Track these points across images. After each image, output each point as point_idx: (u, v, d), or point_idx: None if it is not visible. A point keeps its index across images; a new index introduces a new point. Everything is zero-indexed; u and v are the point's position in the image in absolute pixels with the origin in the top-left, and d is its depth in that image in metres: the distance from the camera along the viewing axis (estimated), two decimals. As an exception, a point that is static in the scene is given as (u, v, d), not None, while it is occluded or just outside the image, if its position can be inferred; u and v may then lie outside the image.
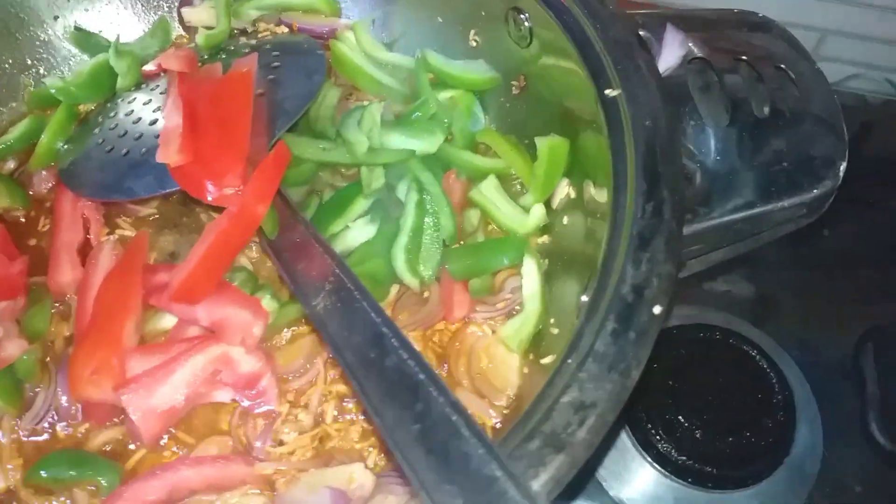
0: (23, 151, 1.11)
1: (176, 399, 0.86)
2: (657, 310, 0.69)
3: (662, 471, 1.04)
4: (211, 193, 0.89)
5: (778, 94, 0.86)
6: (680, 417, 1.05)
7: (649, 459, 1.05)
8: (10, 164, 1.11)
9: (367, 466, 0.84)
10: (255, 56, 1.00)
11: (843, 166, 0.82)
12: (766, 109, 0.85)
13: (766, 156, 0.84)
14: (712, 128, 0.85)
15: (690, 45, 0.90)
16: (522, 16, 1.00)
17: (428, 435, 0.64)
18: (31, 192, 1.08)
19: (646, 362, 0.67)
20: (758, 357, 1.09)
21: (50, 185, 1.08)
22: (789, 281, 1.24)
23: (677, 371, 1.08)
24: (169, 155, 0.89)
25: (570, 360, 0.68)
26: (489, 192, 1.02)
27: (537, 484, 0.61)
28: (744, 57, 0.88)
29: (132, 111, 1.05)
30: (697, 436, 1.04)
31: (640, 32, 0.94)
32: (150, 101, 1.05)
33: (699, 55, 0.89)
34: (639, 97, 0.82)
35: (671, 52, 0.89)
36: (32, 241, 1.04)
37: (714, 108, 0.86)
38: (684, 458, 1.03)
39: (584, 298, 0.77)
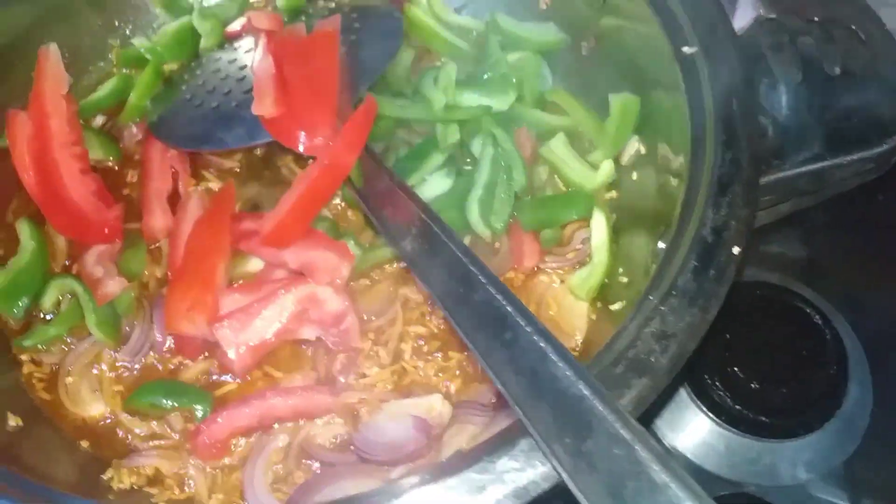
0: (111, 107, 1.17)
1: (266, 334, 0.92)
2: (736, 250, 0.73)
3: (716, 419, 1.08)
4: (303, 143, 0.94)
5: (848, 54, 0.89)
6: (735, 369, 1.09)
7: (704, 409, 1.09)
8: (99, 120, 1.17)
9: (444, 398, 0.89)
10: (338, 17, 1.05)
11: (910, 123, 0.85)
12: (837, 69, 0.88)
13: (835, 112, 0.87)
14: (784, 85, 0.88)
15: (762, 6, 0.92)
16: (596, -23, 1.03)
17: (517, 359, 0.68)
18: (121, 145, 1.14)
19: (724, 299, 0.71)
20: (812, 313, 1.12)
21: (138, 138, 1.14)
22: (842, 244, 1.26)
23: (734, 326, 1.11)
24: (265, 107, 0.94)
25: (651, 297, 0.73)
26: (558, 148, 1.06)
27: (621, 403, 0.66)
28: (815, 18, 0.91)
29: (219, 69, 1.10)
30: (752, 386, 1.08)
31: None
32: (235, 59, 1.11)
33: (771, 16, 0.92)
34: (716, 55, 0.86)
35: (744, 13, 0.92)
36: (125, 191, 1.10)
37: (786, 67, 0.88)
38: (739, 407, 1.07)
39: (662, 245, 0.81)
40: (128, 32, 1.22)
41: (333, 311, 0.93)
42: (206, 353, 0.96)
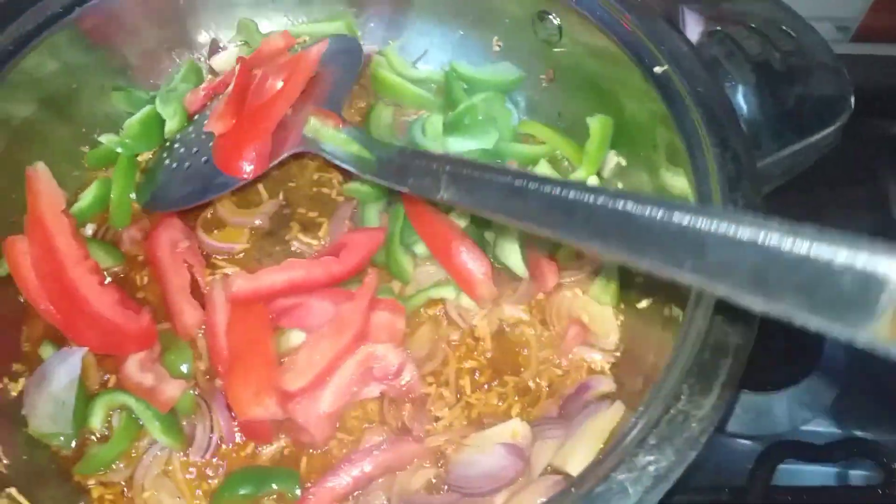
0: (98, 214, 1.16)
1: (337, 400, 0.95)
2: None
3: (729, 385, 1.21)
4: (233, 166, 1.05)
5: (787, 51, 1.04)
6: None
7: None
8: (90, 229, 1.15)
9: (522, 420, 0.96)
10: (324, 42, 1.16)
11: (852, 99, 1.00)
12: (782, 65, 1.03)
13: (792, 102, 1.01)
14: (743, 86, 1.02)
15: (706, 20, 1.07)
16: (550, 16, 1.14)
17: (604, 230, 0.65)
18: (122, 250, 1.13)
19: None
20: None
21: (138, 239, 1.13)
22: (786, 207, 1.44)
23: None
24: (214, 124, 1.04)
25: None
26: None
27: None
28: (752, 25, 1.06)
29: (196, 133, 1.15)
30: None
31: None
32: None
33: (716, 28, 1.06)
34: (688, 69, 0.98)
35: (692, 30, 1.06)
36: (140, 294, 1.10)
37: (741, 70, 1.03)
38: (744, 368, 1.21)
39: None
40: (96, 136, 1.21)
41: (394, 364, 0.98)
42: (279, 434, 0.99)
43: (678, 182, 0.97)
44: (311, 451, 0.98)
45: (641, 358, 0.96)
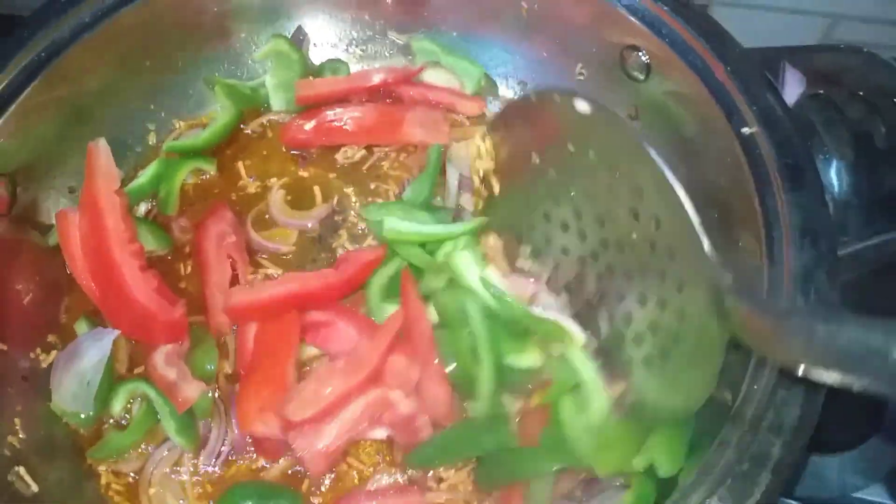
0: (153, 193, 1.16)
1: (339, 438, 0.91)
2: (829, 336, 0.77)
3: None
4: None
5: (893, 127, 0.94)
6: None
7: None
8: (143, 208, 1.15)
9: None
10: None
11: (960, 191, 0.90)
12: (886, 143, 0.93)
13: (890, 185, 0.92)
14: (838, 161, 0.93)
15: (808, 82, 0.97)
16: (640, 52, 1.06)
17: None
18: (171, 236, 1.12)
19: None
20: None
21: (185, 226, 1.13)
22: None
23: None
24: None
25: (755, 386, 0.76)
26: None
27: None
28: (860, 92, 0.96)
29: None
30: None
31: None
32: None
33: (818, 91, 0.97)
34: (778, 136, 0.89)
35: (792, 89, 0.97)
36: (182, 285, 1.09)
37: (839, 144, 0.93)
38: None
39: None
40: (163, 115, 1.21)
41: (405, 413, 0.92)
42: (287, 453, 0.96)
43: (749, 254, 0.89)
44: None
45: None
